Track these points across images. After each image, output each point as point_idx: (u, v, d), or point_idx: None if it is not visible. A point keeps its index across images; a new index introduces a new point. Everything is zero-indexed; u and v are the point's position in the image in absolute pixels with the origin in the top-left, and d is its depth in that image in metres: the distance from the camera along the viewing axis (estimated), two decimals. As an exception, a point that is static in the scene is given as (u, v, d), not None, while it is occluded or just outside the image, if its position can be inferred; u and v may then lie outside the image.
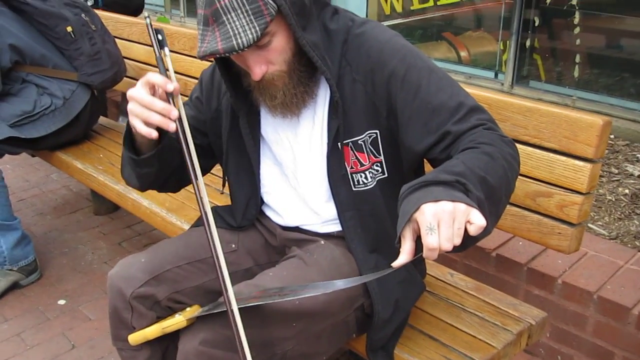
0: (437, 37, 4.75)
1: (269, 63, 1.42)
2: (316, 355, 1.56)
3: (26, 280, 2.85)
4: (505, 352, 1.64)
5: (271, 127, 1.62)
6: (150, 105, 1.34)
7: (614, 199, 2.93)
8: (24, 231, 2.82)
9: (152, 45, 1.41)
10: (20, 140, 2.72)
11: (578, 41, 3.91)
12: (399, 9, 4.93)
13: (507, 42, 4.15)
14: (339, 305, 1.51)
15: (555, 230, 1.68)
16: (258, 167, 1.66)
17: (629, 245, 2.54)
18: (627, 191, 2.99)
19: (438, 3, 4.65)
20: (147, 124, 1.37)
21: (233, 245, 1.70)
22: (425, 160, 1.57)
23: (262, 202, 1.72)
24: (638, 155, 3.36)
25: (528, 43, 4.09)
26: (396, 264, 1.22)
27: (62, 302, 2.76)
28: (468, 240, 1.18)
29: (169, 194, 2.48)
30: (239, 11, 1.30)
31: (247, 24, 1.31)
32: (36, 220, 3.47)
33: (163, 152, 1.56)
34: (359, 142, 1.51)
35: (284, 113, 1.52)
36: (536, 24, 4.04)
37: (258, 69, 1.41)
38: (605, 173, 3.18)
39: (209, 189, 2.54)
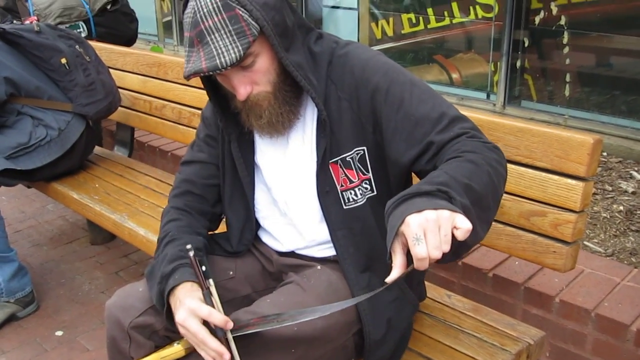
0: (429, 59, 4.80)
1: (253, 84, 1.45)
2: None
3: (23, 312, 2.84)
4: (504, 372, 1.64)
5: (262, 152, 1.64)
6: (203, 344, 1.38)
7: (608, 216, 2.94)
8: (20, 263, 2.81)
9: (197, 279, 1.44)
10: (16, 172, 2.72)
11: (568, 60, 3.95)
12: (390, 33, 4.98)
13: (498, 63, 4.19)
14: (337, 330, 1.51)
15: (550, 249, 1.69)
16: (252, 191, 1.67)
17: (625, 262, 2.54)
18: (621, 208, 3.01)
19: (429, 26, 4.70)
20: None
21: (231, 273, 1.70)
22: (414, 174, 1.58)
23: (259, 226, 1.73)
24: (631, 171, 3.39)
25: (519, 63, 4.13)
26: (390, 279, 1.23)
27: (59, 333, 2.74)
28: (459, 247, 1.19)
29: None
30: (222, 32, 1.35)
31: (231, 44, 1.35)
32: (33, 251, 3.46)
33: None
34: (347, 159, 1.53)
35: (270, 133, 1.54)
36: (526, 44, 4.09)
37: (243, 89, 1.44)
38: (599, 190, 3.20)
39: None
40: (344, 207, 1.56)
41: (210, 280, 1.44)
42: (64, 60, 2.85)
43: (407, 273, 1.22)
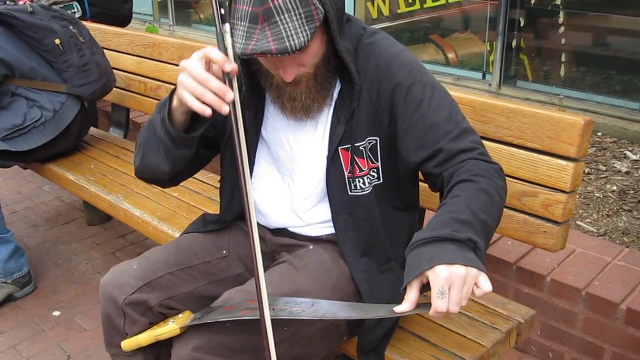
0: (425, 39, 4.79)
1: (300, 66, 1.45)
2: (308, 358, 1.58)
3: (20, 292, 2.86)
4: (494, 350, 1.66)
5: (271, 126, 1.64)
6: (206, 83, 1.31)
7: (602, 196, 2.96)
8: (17, 243, 2.83)
9: (213, 19, 1.32)
10: (11, 153, 2.72)
11: (563, 40, 3.95)
12: (386, 12, 4.96)
13: (494, 42, 4.18)
14: (329, 308, 1.53)
15: (541, 229, 1.71)
16: (253, 162, 1.67)
17: (617, 242, 2.57)
18: (614, 188, 3.03)
19: (424, 6, 4.69)
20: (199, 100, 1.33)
21: (224, 252, 1.71)
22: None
23: None
24: (625, 151, 3.40)
25: (514, 43, 4.12)
26: (398, 309, 1.31)
27: (56, 313, 2.77)
28: None
29: (160, 202, 2.50)
30: (293, 13, 1.32)
31: (300, 27, 1.33)
32: (29, 232, 3.48)
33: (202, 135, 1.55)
34: (360, 148, 1.54)
35: (299, 117, 1.54)
36: (522, 24, 4.08)
37: (291, 71, 1.43)
38: (593, 170, 3.21)
39: (200, 197, 2.56)
40: (349, 193, 1.58)
41: (227, 25, 1.33)
42: (57, 41, 2.84)
43: (416, 312, 1.30)
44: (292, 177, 1.64)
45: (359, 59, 1.52)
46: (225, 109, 1.31)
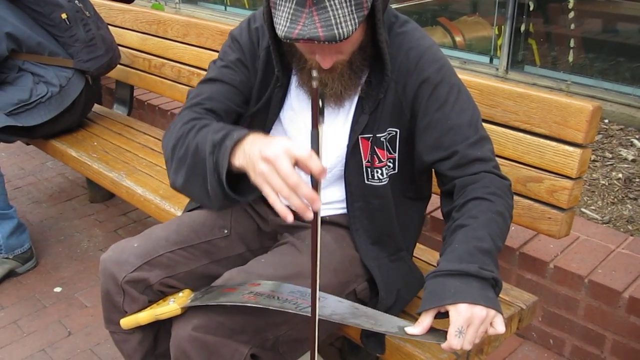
0: (433, 22, 4.75)
1: (339, 52, 1.42)
2: (308, 340, 1.57)
3: (22, 268, 2.86)
4: (495, 336, 1.64)
5: (290, 106, 1.61)
6: (296, 188, 1.14)
7: (607, 184, 2.94)
8: (19, 219, 2.82)
9: (313, 116, 1.09)
10: (16, 129, 2.72)
11: (573, 26, 3.91)
12: (394, -6, 4.92)
13: (502, 26, 4.14)
14: (330, 291, 1.51)
15: (546, 215, 1.69)
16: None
17: (622, 230, 2.55)
18: (620, 175, 3.00)
19: (433, -12, 4.65)
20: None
21: (225, 231, 1.70)
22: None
23: None
24: (632, 139, 3.37)
25: (523, 28, 4.08)
26: (409, 330, 1.33)
27: (58, 289, 2.77)
28: None
29: (163, 181, 2.49)
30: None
31: (349, 14, 1.28)
32: (32, 208, 3.48)
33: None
34: (381, 139, 1.53)
35: (327, 104, 1.51)
36: (531, 8, 4.04)
37: (330, 58, 1.40)
38: (599, 157, 3.19)
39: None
40: (365, 182, 1.57)
41: (322, 118, 1.12)
42: (64, 16, 2.82)
43: (426, 339, 1.33)
44: None
45: (390, 48, 1.49)
46: (309, 216, 1.14)
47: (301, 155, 1.14)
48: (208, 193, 1.36)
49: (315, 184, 1.14)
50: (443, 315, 1.30)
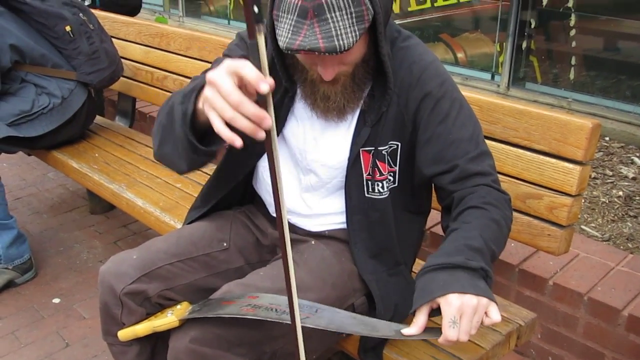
0: (434, 38, 4.76)
1: (341, 64, 1.42)
2: (306, 354, 1.57)
3: (21, 278, 2.86)
4: (494, 352, 1.65)
5: (292, 117, 1.60)
6: (238, 106, 1.07)
7: (607, 201, 2.94)
8: (19, 230, 2.83)
9: (248, 25, 0.98)
10: (17, 139, 2.72)
11: (574, 43, 3.92)
12: (396, 10, 4.94)
13: (504, 43, 4.16)
14: (329, 305, 1.52)
15: (545, 231, 1.69)
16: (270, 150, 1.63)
17: (622, 247, 2.55)
18: (620, 193, 3.00)
19: (435, 4, 4.66)
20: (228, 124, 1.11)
21: (224, 244, 1.70)
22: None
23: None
24: (632, 157, 3.38)
25: (524, 45, 4.10)
26: (406, 332, 1.33)
27: (56, 300, 2.76)
28: None
29: (163, 193, 2.49)
30: (344, 11, 1.28)
31: (350, 27, 1.29)
32: (32, 218, 3.48)
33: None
34: (382, 152, 1.54)
35: (329, 117, 1.51)
36: (533, 25, 4.05)
37: (332, 70, 1.41)
38: (599, 175, 3.19)
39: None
40: (366, 195, 1.57)
41: (262, 26, 0.98)
42: (68, 28, 2.84)
43: (424, 337, 1.33)
44: (304, 170, 1.62)
45: (392, 62, 1.50)
46: (260, 136, 1.06)
47: (242, 72, 1.06)
48: (178, 150, 1.36)
49: (264, 102, 1.06)
50: (437, 312, 1.29)
